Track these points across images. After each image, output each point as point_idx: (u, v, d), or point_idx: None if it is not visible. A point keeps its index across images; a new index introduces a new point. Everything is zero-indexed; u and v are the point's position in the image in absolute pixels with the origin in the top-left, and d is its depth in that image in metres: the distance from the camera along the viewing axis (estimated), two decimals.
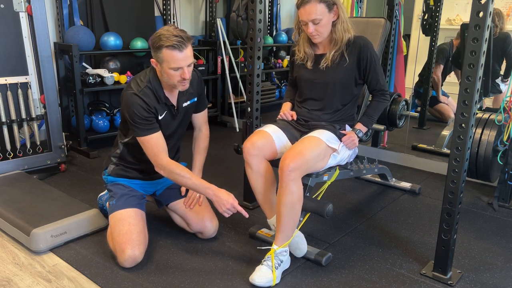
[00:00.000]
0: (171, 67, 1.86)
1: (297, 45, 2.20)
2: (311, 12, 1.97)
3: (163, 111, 2.01)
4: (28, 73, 2.94)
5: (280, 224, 1.88)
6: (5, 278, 1.86)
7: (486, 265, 2.04)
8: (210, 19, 4.71)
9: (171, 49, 1.82)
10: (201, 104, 2.23)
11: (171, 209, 2.20)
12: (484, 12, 1.57)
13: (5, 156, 2.85)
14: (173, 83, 1.92)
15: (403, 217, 2.52)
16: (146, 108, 1.92)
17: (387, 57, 3.31)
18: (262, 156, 2.03)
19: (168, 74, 1.89)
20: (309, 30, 2.02)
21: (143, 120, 1.92)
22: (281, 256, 1.87)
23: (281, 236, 1.88)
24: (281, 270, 1.89)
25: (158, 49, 1.85)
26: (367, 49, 2.08)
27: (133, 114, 1.92)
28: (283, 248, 1.88)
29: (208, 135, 2.30)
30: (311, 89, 2.18)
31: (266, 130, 2.10)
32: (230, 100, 4.56)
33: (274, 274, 1.82)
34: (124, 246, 1.89)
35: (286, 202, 1.85)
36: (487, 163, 2.57)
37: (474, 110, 1.67)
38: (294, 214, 1.88)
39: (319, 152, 1.94)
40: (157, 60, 1.89)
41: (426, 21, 4.01)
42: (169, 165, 1.95)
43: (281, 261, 1.87)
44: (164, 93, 1.99)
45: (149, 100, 1.94)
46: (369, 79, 2.13)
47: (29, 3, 2.75)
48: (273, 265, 1.83)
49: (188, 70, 1.89)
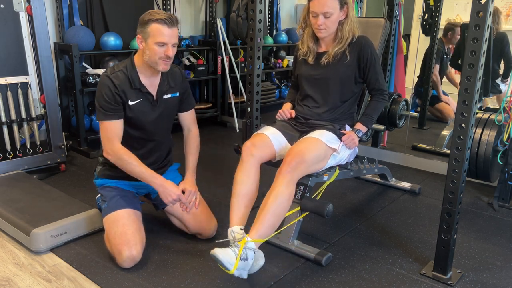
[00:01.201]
0: (157, 41, 1.88)
1: (301, 40, 2.23)
2: (324, 5, 2.01)
3: (137, 98, 2.01)
4: (28, 73, 2.94)
5: (261, 216, 1.80)
6: (5, 278, 1.86)
7: (486, 265, 2.04)
8: (210, 19, 4.71)
9: (160, 23, 1.87)
10: (186, 103, 2.22)
11: (169, 212, 2.18)
12: (484, 12, 1.57)
13: (5, 156, 2.85)
14: (155, 60, 1.92)
15: (403, 217, 2.52)
16: (113, 90, 1.93)
17: (387, 57, 3.31)
18: (258, 160, 2.02)
19: (151, 50, 1.90)
20: (318, 22, 2.04)
21: (107, 103, 1.94)
22: (248, 252, 1.71)
23: (258, 228, 1.78)
24: (244, 267, 1.71)
25: (146, 23, 1.88)
26: (368, 48, 2.10)
27: (99, 96, 1.95)
28: (253, 245, 1.73)
29: (198, 134, 2.27)
30: (311, 85, 2.19)
31: (265, 133, 2.10)
32: (230, 100, 4.56)
33: (237, 262, 1.68)
34: (121, 247, 1.89)
35: (276, 196, 1.82)
36: (487, 163, 2.57)
37: (474, 110, 1.67)
38: (277, 213, 1.82)
39: (319, 153, 1.95)
40: (143, 35, 1.91)
41: (426, 21, 4.01)
42: (119, 151, 1.96)
43: (246, 258, 1.71)
44: (139, 79, 2.00)
45: (119, 83, 1.95)
46: (369, 78, 2.15)
47: (29, 3, 2.75)
48: (239, 254, 1.69)
49: (172, 50, 1.92)
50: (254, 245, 1.74)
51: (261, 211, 1.82)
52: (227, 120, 4.63)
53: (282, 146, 2.09)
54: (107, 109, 1.94)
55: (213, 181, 2.97)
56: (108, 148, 1.97)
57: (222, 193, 2.78)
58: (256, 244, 1.75)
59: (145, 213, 2.21)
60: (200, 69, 4.32)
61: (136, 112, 2.02)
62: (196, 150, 2.24)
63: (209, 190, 2.79)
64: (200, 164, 2.45)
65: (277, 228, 1.86)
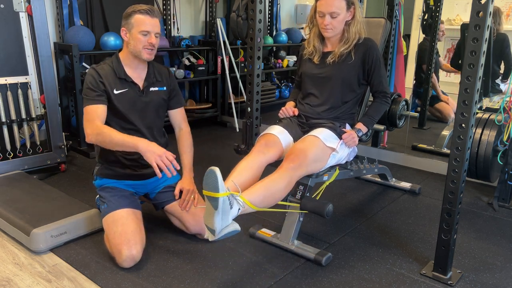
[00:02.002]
0: (141, 29, 1.98)
1: (307, 39, 2.24)
2: (332, 5, 2.03)
3: (122, 87, 2.06)
4: (28, 73, 2.94)
5: (257, 184, 1.79)
6: (5, 278, 1.86)
7: (486, 265, 2.04)
8: (210, 19, 4.71)
9: (142, 13, 1.99)
10: (175, 101, 2.25)
11: (168, 212, 2.19)
12: (484, 12, 1.56)
13: (5, 156, 2.85)
14: (139, 49, 2.01)
15: (403, 217, 2.52)
16: (96, 78, 2.01)
17: (387, 57, 3.31)
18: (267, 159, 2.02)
19: (135, 39, 2.00)
20: (325, 22, 2.06)
21: (91, 90, 2.00)
22: (234, 203, 1.61)
23: (250, 191, 1.73)
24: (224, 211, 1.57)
25: (130, 15, 2.01)
26: (373, 50, 2.13)
27: (84, 86, 2.03)
28: (241, 201, 1.65)
29: (189, 132, 2.29)
30: (314, 83, 2.20)
31: (272, 132, 2.10)
32: (230, 100, 4.56)
33: (225, 194, 1.56)
34: (120, 247, 1.89)
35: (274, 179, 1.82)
36: (487, 163, 2.57)
37: (474, 110, 1.67)
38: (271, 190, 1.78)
39: (318, 152, 1.95)
40: (127, 27, 2.02)
41: (426, 21, 4.01)
42: (99, 127, 1.96)
43: (231, 206, 1.60)
44: (124, 70, 2.07)
45: (103, 73, 2.04)
46: (372, 80, 2.17)
47: (29, 3, 2.75)
48: (228, 194, 1.58)
49: (155, 39, 2.02)
50: (242, 201, 1.65)
51: (258, 182, 1.82)
52: (227, 120, 4.63)
53: (289, 144, 2.11)
54: (90, 95, 2.01)
55: None
56: (88, 128, 1.97)
57: None
58: (243, 204, 1.66)
59: (145, 213, 2.21)
60: (200, 69, 4.32)
61: (122, 101, 2.06)
62: (190, 148, 2.24)
63: None
64: (200, 164, 2.46)
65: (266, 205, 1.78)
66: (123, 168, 2.13)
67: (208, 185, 1.55)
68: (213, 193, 1.54)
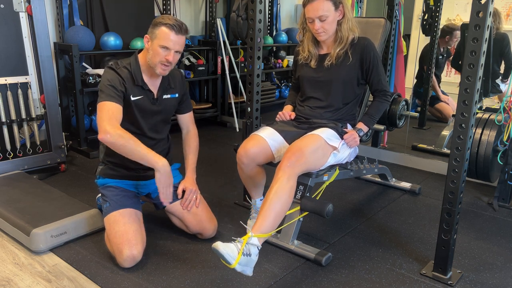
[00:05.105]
0: (161, 44, 1.91)
1: (301, 45, 2.23)
2: (318, 9, 2.01)
3: (138, 94, 2.02)
4: (28, 73, 2.94)
5: (262, 212, 1.80)
6: (5, 278, 1.86)
7: (486, 265, 2.04)
8: (210, 19, 4.71)
9: (168, 27, 1.91)
10: (185, 106, 2.25)
11: (169, 211, 2.19)
12: (484, 12, 1.56)
13: (5, 156, 2.85)
14: (155, 62, 1.95)
15: (403, 217, 2.52)
16: (119, 79, 1.96)
17: (387, 57, 3.31)
18: (254, 164, 2.11)
19: (155, 51, 1.93)
20: (315, 27, 2.05)
21: (110, 87, 1.92)
22: (251, 248, 1.69)
23: (260, 224, 1.76)
24: (247, 263, 1.67)
25: (156, 25, 1.93)
26: (370, 49, 2.12)
27: (103, 82, 1.95)
28: (256, 240, 1.71)
29: (197, 134, 2.30)
30: (314, 87, 2.20)
31: (261, 134, 2.11)
32: (230, 100, 4.56)
33: (239, 256, 1.64)
34: (121, 247, 1.89)
35: (277, 192, 1.82)
36: (487, 163, 2.57)
37: (474, 110, 1.67)
38: (279, 208, 1.80)
39: (318, 149, 1.95)
40: (151, 36, 1.95)
41: (426, 21, 4.01)
42: (119, 129, 1.86)
43: (249, 253, 1.68)
44: (142, 77, 2.02)
45: (124, 76, 1.97)
46: (371, 79, 2.16)
47: (29, 3, 2.75)
48: (242, 248, 1.66)
49: (174, 56, 1.95)
50: (257, 240, 1.71)
51: (262, 206, 1.82)
52: (227, 120, 4.63)
53: (280, 146, 2.10)
54: (110, 92, 1.92)
55: (213, 181, 2.97)
56: (107, 126, 1.83)
57: (222, 193, 2.78)
58: (259, 240, 1.73)
59: (145, 213, 2.21)
60: (200, 69, 4.33)
61: (136, 109, 2.03)
62: (195, 150, 2.26)
63: (209, 190, 2.79)
64: (200, 164, 2.45)
65: (279, 223, 1.84)
66: (128, 170, 2.13)
67: (221, 258, 1.64)
68: (229, 265, 1.64)
